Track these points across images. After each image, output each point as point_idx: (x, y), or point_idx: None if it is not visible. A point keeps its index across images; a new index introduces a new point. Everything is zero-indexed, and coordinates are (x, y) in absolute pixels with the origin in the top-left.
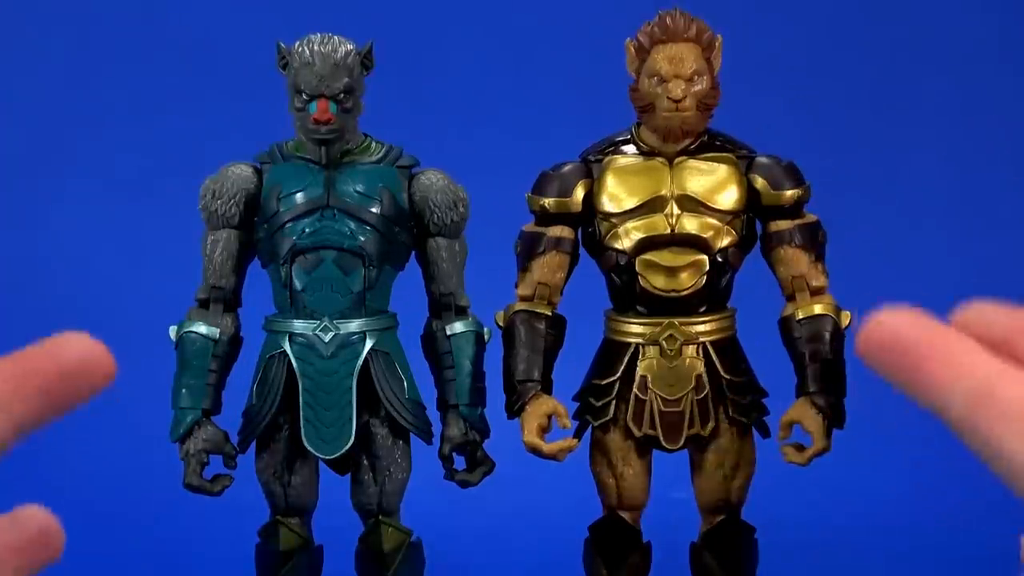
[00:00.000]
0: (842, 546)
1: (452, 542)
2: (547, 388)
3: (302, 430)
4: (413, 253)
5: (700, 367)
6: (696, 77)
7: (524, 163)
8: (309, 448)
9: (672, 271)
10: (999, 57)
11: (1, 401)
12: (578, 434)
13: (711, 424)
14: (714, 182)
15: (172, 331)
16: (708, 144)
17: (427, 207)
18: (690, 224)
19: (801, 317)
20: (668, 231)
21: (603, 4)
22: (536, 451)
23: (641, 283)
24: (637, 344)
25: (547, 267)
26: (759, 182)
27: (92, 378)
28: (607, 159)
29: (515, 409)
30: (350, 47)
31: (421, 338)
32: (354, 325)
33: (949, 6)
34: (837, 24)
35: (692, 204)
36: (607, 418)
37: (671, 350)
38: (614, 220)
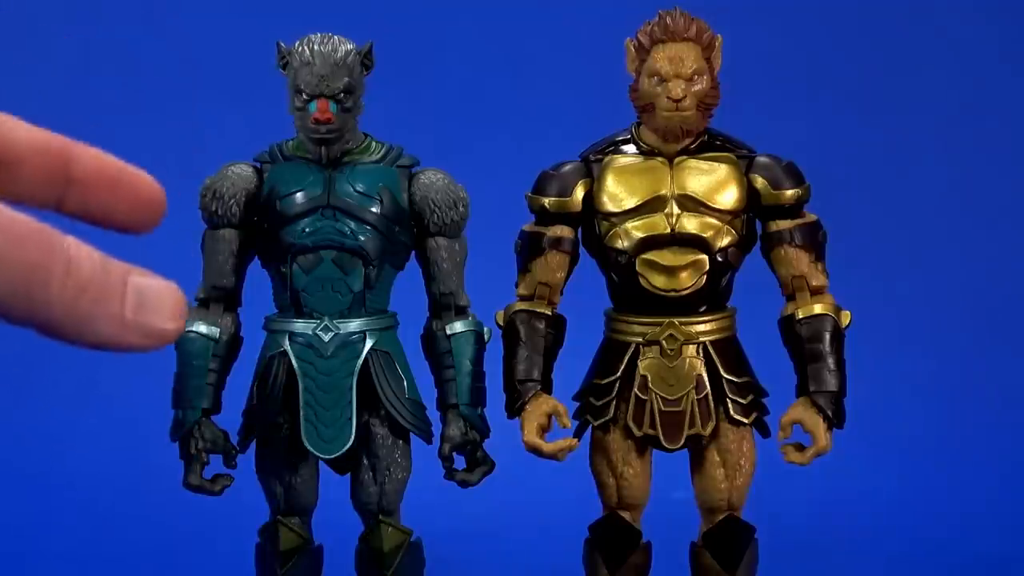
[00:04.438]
0: (842, 546)
1: (452, 542)
2: (547, 388)
3: (302, 430)
4: (413, 253)
5: (700, 367)
6: (696, 77)
7: (524, 163)
8: (309, 448)
9: (672, 271)
10: (999, 57)
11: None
12: (578, 434)
13: (711, 424)
14: (714, 182)
15: None
16: (708, 144)
17: (427, 207)
18: (690, 224)
19: (801, 317)
20: (668, 231)
21: (603, 4)
22: (536, 451)
23: (641, 283)
24: (637, 344)
25: (547, 267)
26: (759, 182)
27: (130, 198)
28: (607, 159)
29: (515, 409)
30: (350, 47)
31: (421, 338)
32: (354, 325)
33: (949, 6)
34: (837, 24)
35: (692, 204)
36: (607, 418)
37: (671, 350)
38: (614, 220)
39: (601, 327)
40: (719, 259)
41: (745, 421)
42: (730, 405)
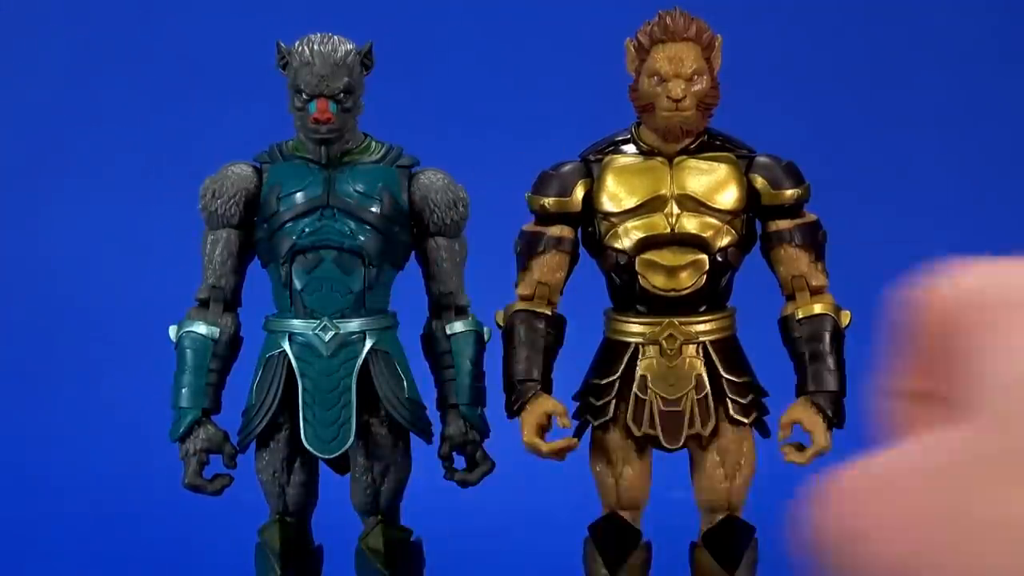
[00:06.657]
0: None
1: (452, 542)
2: (547, 388)
3: (301, 430)
4: (413, 253)
5: (700, 367)
6: (696, 77)
7: (524, 163)
8: (309, 448)
9: (672, 270)
10: (999, 57)
11: None
12: (578, 433)
13: (711, 424)
14: (714, 182)
15: (172, 331)
16: (708, 144)
17: (427, 207)
18: (690, 223)
19: (801, 316)
20: (668, 230)
21: (603, 4)
22: (536, 451)
23: (641, 282)
24: (637, 344)
25: (547, 267)
26: (759, 182)
27: None
28: (607, 159)
29: (515, 409)
30: (350, 47)
31: (421, 338)
32: (354, 325)
33: (949, 6)
34: (837, 24)
35: (692, 203)
36: (607, 417)
37: (671, 349)
38: (614, 220)
39: (601, 327)
40: (719, 259)
41: (745, 421)
42: (730, 405)
